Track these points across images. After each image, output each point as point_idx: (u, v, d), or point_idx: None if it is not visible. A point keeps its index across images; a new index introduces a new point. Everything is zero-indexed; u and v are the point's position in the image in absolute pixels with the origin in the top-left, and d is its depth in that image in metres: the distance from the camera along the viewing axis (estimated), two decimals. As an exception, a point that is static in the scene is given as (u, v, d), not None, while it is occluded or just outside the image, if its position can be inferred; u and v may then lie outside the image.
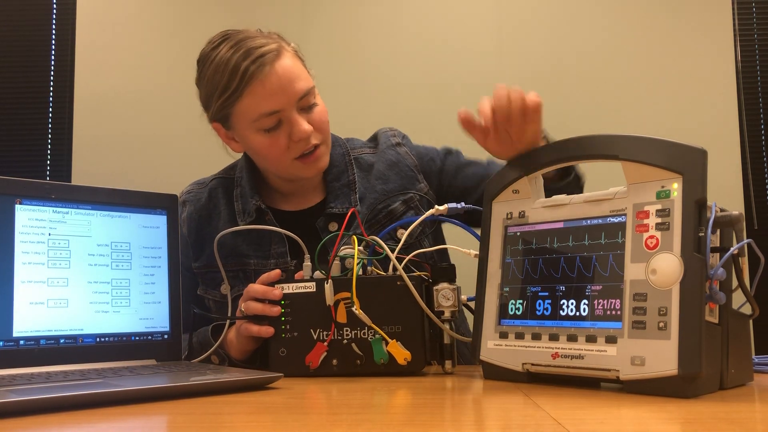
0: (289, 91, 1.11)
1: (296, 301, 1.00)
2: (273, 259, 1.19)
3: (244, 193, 1.24)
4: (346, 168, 1.25)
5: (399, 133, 1.32)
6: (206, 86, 1.16)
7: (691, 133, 2.19)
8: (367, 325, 0.96)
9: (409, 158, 1.28)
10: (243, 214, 1.22)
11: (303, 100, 1.13)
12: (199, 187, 1.30)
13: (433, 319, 0.96)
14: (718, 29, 2.27)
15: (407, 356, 0.95)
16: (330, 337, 0.98)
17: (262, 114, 1.11)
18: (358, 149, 1.29)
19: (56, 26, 2.39)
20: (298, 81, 1.12)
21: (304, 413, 0.69)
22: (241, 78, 1.09)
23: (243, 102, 1.11)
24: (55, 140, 2.36)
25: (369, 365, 0.96)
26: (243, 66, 1.09)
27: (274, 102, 1.10)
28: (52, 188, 0.99)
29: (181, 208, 1.27)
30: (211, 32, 1.18)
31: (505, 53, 2.28)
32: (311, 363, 0.98)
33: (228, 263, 1.19)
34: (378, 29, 2.34)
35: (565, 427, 0.58)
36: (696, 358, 0.70)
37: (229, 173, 1.30)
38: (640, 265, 0.77)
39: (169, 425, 0.64)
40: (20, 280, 0.94)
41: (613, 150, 0.83)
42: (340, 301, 0.98)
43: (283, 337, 1.00)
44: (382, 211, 1.21)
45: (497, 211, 0.95)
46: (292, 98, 1.11)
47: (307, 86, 1.13)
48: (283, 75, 1.10)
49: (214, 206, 1.26)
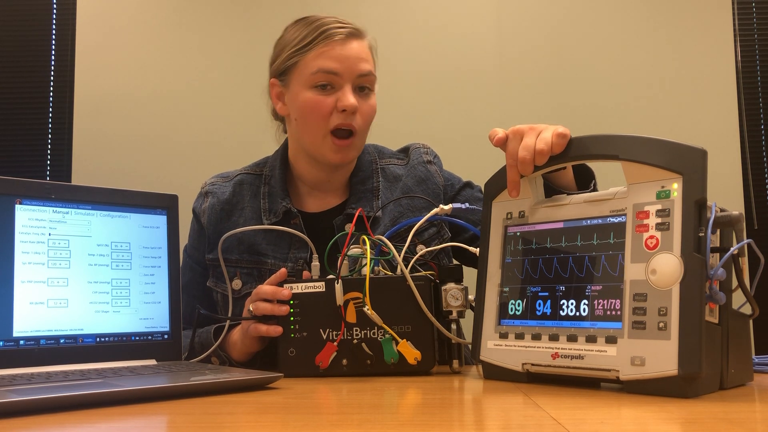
0: (353, 63, 1.17)
1: (305, 301, 1.00)
2: (291, 262, 1.19)
3: (273, 192, 1.25)
4: (371, 175, 1.27)
5: (431, 151, 1.34)
6: (282, 42, 1.24)
7: (691, 133, 2.19)
8: (376, 325, 0.96)
9: (438, 177, 1.30)
10: (269, 213, 1.23)
11: (362, 78, 1.18)
12: (223, 180, 1.31)
13: (433, 321, 0.96)
14: (718, 29, 2.27)
15: (417, 356, 0.95)
16: (340, 337, 0.98)
17: (322, 69, 1.16)
18: (387, 159, 1.31)
19: (56, 26, 2.39)
20: (365, 62, 1.19)
21: (304, 413, 0.69)
22: (318, 35, 1.17)
23: (310, 55, 1.17)
24: (55, 140, 2.36)
25: (379, 365, 0.96)
26: (323, 27, 1.18)
27: (337, 64, 1.16)
28: (52, 188, 0.99)
29: (202, 198, 1.28)
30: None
31: (505, 53, 2.27)
32: (321, 363, 0.98)
33: (243, 259, 1.20)
34: (378, 29, 2.33)
35: (565, 427, 0.58)
36: (696, 358, 0.70)
37: (257, 170, 1.31)
38: (640, 265, 0.77)
39: (169, 425, 0.64)
40: (20, 280, 0.94)
41: (613, 150, 0.83)
42: (349, 301, 0.98)
43: (293, 337, 1.00)
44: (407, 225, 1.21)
45: (497, 211, 0.95)
46: (354, 71, 1.17)
47: (369, 69, 1.20)
48: (352, 49, 1.18)
49: (237, 201, 1.26)
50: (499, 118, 2.18)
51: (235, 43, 2.28)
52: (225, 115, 2.27)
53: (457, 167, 1.38)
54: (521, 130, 0.91)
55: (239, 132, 2.25)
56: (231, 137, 2.26)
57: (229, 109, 2.27)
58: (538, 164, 0.89)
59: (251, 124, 2.23)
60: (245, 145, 2.22)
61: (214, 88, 2.27)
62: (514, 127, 0.92)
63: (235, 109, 2.26)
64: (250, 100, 2.29)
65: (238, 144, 2.24)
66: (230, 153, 2.22)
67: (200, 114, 2.28)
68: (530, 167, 0.89)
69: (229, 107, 2.27)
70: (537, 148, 0.88)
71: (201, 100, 2.28)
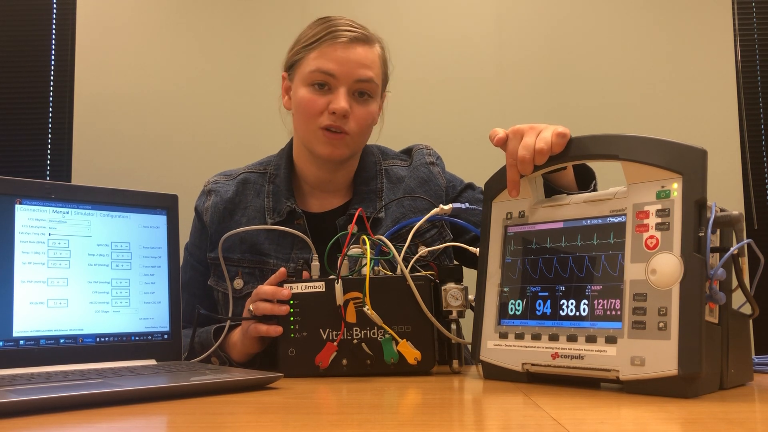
0: (352, 67, 1.17)
1: (305, 301, 1.00)
2: (293, 262, 1.19)
3: (278, 192, 1.25)
4: (375, 176, 1.28)
5: (434, 152, 1.34)
6: (297, 38, 1.25)
7: (691, 133, 2.19)
8: (376, 325, 0.96)
9: (441, 179, 1.30)
10: (273, 212, 1.23)
11: (360, 84, 1.18)
12: (227, 178, 1.30)
13: (432, 321, 0.96)
14: (718, 29, 2.26)
15: (417, 356, 0.95)
16: (340, 337, 0.98)
17: (319, 68, 1.17)
18: (390, 160, 1.32)
19: (56, 26, 2.39)
20: (366, 69, 1.18)
21: (304, 413, 0.69)
22: (325, 35, 1.18)
23: (312, 53, 1.19)
24: (55, 140, 2.36)
25: (379, 365, 0.97)
26: (331, 28, 1.19)
27: (335, 66, 1.17)
28: (52, 188, 0.99)
29: (205, 196, 1.28)
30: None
31: (505, 53, 2.27)
32: (321, 363, 0.98)
33: (245, 259, 1.20)
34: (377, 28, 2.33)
35: (565, 427, 0.58)
36: (696, 358, 0.70)
37: (261, 168, 1.31)
38: (639, 265, 0.77)
39: (169, 425, 0.64)
40: (20, 280, 0.94)
41: (613, 150, 0.83)
42: (349, 301, 0.98)
43: (293, 337, 1.00)
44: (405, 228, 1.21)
45: (497, 211, 0.95)
46: (351, 76, 1.17)
47: (370, 76, 1.19)
48: (355, 53, 1.18)
49: (240, 200, 1.26)
50: (500, 118, 2.18)
51: (235, 43, 2.28)
52: (225, 115, 2.27)
53: (457, 168, 1.38)
54: (521, 129, 0.91)
55: (239, 132, 2.25)
56: (231, 137, 2.26)
57: (229, 109, 2.27)
58: (537, 164, 0.89)
59: (251, 124, 2.24)
60: (245, 145, 2.22)
61: (215, 87, 2.27)
62: (514, 127, 0.92)
63: (236, 109, 2.26)
64: (251, 99, 2.30)
65: (239, 144, 2.24)
66: (230, 153, 2.22)
67: (200, 114, 2.28)
68: (530, 166, 0.89)
69: (229, 107, 2.27)
70: (537, 148, 0.88)
71: (201, 100, 2.28)
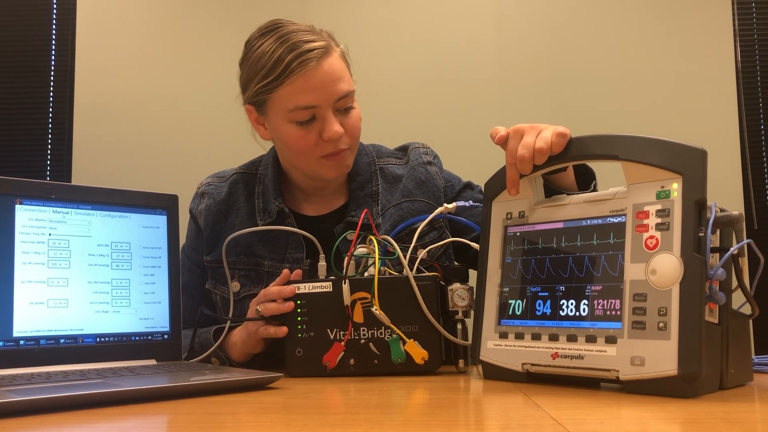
0: (329, 89, 1.11)
1: (312, 301, 1.00)
2: (288, 263, 1.18)
3: (267, 192, 1.23)
4: (370, 177, 1.25)
5: (431, 151, 1.32)
6: (248, 70, 1.17)
7: (691, 133, 2.19)
8: (384, 325, 0.96)
9: (439, 179, 1.28)
10: (263, 213, 1.22)
11: (341, 101, 1.12)
12: (219, 180, 1.29)
13: (434, 323, 0.96)
14: (718, 29, 2.27)
15: (424, 355, 0.95)
16: (347, 336, 0.98)
17: (299, 106, 1.10)
18: (385, 158, 1.29)
19: (56, 26, 2.39)
20: (340, 82, 1.12)
21: (305, 413, 0.69)
22: (284, 69, 1.09)
23: (282, 91, 1.11)
24: (55, 140, 2.36)
25: (386, 365, 0.96)
26: (288, 58, 1.09)
27: (313, 97, 1.10)
28: (52, 188, 0.99)
29: (198, 199, 1.27)
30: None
31: (505, 53, 2.27)
32: (329, 363, 0.98)
33: (241, 261, 1.19)
34: (378, 29, 2.34)
35: (565, 427, 0.58)
36: (696, 358, 0.70)
37: (252, 169, 1.29)
38: (639, 266, 0.77)
39: (169, 425, 0.65)
40: (20, 280, 0.94)
41: (613, 150, 0.83)
42: (356, 301, 0.98)
43: (300, 337, 0.99)
44: (406, 229, 1.20)
45: (497, 211, 0.95)
46: (331, 97, 1.11)
47: (347, 89, 1.13)
48: (326, 73, 1.10)
49: (233, 202, 1.25)
50: (500, 119, 2.18)
51: (235, 43, 2.27)
52: (225, 116, 2.26)
53: (458, 169, 1.37)
54: (522, 128, 0.91)
55: (239, 132, 2.24)
56: (231, 137, 2.25)
57: (229, 109, 2.27)
58: (537, 163, 0.89)
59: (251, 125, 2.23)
60: (245, 145, 2.20)
61: (214, 88, 2.27)
62: (515, 126, 0.92)
63: (235, 109, 2.26)
64: (250, 100, 2.30)
65: (238, 144, 2.22)
66: (230, 153, 2.21)
67: (200, 114, 2.28)
68: (529, 166, 0.89)
69: (229, 107, 2.27)
70: (536, 147, 0.88)
71: (201, 101, 2.28)
